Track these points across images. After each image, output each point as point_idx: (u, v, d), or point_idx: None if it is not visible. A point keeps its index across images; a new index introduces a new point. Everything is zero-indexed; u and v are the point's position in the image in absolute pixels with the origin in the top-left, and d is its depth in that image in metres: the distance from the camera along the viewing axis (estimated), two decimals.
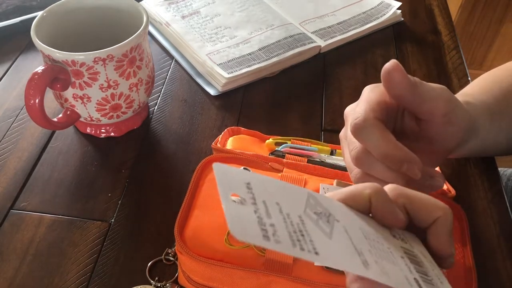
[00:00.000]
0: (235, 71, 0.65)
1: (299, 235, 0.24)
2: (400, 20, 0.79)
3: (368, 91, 0.40)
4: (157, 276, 0.46)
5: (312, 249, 0.24)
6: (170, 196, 0.53)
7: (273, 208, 0.25)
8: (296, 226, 0.25)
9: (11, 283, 0.46)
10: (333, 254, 0.25)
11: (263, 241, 0.22)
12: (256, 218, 0.24)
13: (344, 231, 0.27)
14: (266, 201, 0.25)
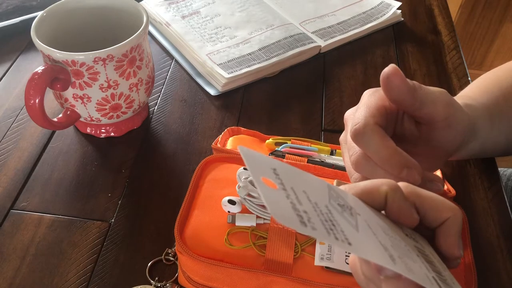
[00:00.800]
0: (235, 71, 0.65)
1: (330, 224, 0.24)
2: (400, 20, 0.79)
3: (367, 95, 0.40)
4: (157, 276, 0.46)
5: (345, 239, 0.23)
6: (170, 196, 0.53)
7: (302, 196, 0.25)
8: (326, 216, 0.24)
9: (11, 283, 0.46)
10: (364, 246, 0.24)
11: (300, 226, 0.22)
12: (289, 203, 0.23)
13: (367, 225, 0.27)
14: (294, 188, 0.25)
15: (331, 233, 0.23)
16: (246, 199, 0.43)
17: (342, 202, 0.27)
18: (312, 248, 0.42)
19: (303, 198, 0.25)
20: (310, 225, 0.23)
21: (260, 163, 0.25)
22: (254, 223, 0.42)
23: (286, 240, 0.42)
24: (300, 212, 0.23)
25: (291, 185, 0.25)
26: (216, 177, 0.47)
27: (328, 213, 0.25)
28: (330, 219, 0.24)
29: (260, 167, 0.25)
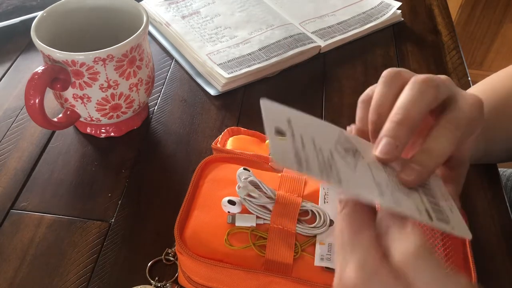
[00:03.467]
0: (235, 71, 0.65)
1: (327, 167, 0.28)
2: (400, 20, 0.79)
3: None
4: (157, 276, 0.46)
5: (337, 178, 0.28)
6: (170, 196, 0.53)
7: (308, 142, 0.29)
8: (326, 159, 0.29)
9: (11, 283, 0.46)
10: (354, 183, 0.28)
11: (297, 166, 0.27)
12: (293, 149, 0.28)
13: (367, 166, 0.30)
14: (303, 135, 0.29)
15: (324, 172, 0.28)
16: (246, 199, 0.43)
17: (349, 146, 0.31)
18: (312, 249, 0.42)
19: (308, 144, 0.29)
20: (306, 166, 0.27)
21: (276, 115, 0.30)
22: (254, 224, 0.42)
23: (286, 240, 0.42)
24: (300, 156, 0.28)
25: (301, 133, 0.29)
26: (216, 177, 0.47)
27: (329, 157, 0.29)
28: (329, 163, 0.29)
29: (275, 118, 0.29)
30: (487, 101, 0.47)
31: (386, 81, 0.35)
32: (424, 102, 0.32)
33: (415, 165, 0.31)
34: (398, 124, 0.31)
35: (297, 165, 0.27)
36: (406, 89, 0.33)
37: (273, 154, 0.27)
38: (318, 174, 0.27)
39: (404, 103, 0.32)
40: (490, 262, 0.48)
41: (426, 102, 0.32)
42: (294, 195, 0.44)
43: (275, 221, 0.42)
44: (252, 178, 0.43)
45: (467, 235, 0.31)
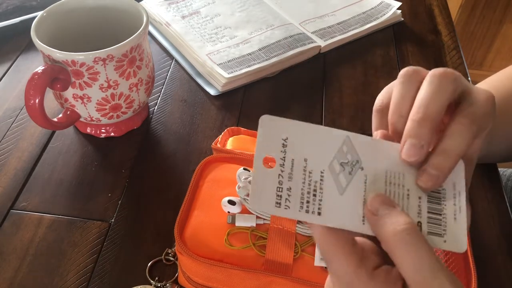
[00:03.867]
0: (235, 71, 0.65)
1: (311, 196, 0.28)
2: (400, 20, 0.79)
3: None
4: (157, 276, 0.46)
5: (317, 210, 0.28)
6: (170, 196, 0.53)
7: (298, 167, 0.28)
8: (313, 185, 0.28)
9: (11, 283, 0.46)
10: (335, 214, 0.28)
11: (274, 208, 0.27)
12: (276, 184, 0.28)
13: (363, 181, 0.29)
14: (295, 159, 0.29)
15: (304, 206, 0.28)
16: (246, 199, 0.43)
17: (348, 158, 0.30)
18: (312, 249, 0.42)
19: (298, 170, 0.28)
20: (284, 204, 0.27)
21: (272, 135, 0.29)
22: (254, 224, 0.42)
23: (286, 240, 0.42)
24: (281, 192, 0.28)
25: (293, 156, 0.29)
26: (216, 177, 0.47)
27: (318, 182, 0.29)
28: (314, 189, 0.28)
29: (268, 144, 0.29)
30: None
31: (404, 81, 0.34)
32: (444, 96, 0.31)
33: (432, 170, 0.30)
34: (420, 123, 0.30)
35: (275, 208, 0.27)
36: (424, 84, 0.32)
37: (251, 198, 0.27)
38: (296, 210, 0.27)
39: (424, 99, 0.31)
40: (490, 262, 0.48)
41: (446, 96, 0.31)
42: None
43: (275, 221, 0.42)
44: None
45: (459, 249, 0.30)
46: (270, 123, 0.29)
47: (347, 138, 0.30)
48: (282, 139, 0.29)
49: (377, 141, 0.31)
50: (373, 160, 0.30)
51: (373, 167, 0.30)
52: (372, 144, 0.31)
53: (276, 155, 0.28)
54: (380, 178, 0.30)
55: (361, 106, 0.65)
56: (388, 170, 0.30)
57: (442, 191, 0.31)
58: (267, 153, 0.28)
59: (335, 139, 0.30)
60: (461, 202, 0.31)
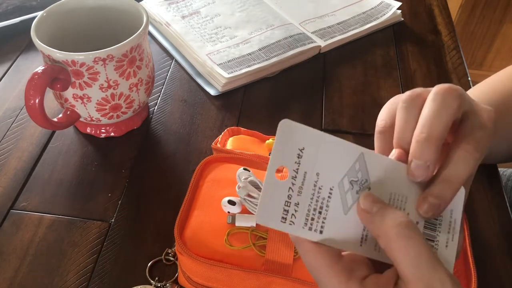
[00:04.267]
0: (235, 71, 0.65)
1: (316, 213, 0.28)
2: (400, 20, 0.79)
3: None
4: (157, 276, 0.46)
5: (319, 228, 0.28)
6: (170, 196, 0.53)
7: (309, 182, 0.29)
8: (320, 202, 0.29)
9: (11, 283, 0.46)
10: (335, 234, 0.29)
11: (279, 223, 0.27)
12: (286, 197, 0.28)
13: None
14: (308, 172, 0.29)
15: (308, 223, 0.28)
16: (246, 199, 0.43)
17: (359, 177, 0.30)
18: None
19: (308, 184, 0.28)
20: (290, 220, 0.28)
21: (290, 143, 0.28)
22: (254, 224, 0.42)
23: (286, 240, 0.42)
24: (289, 206, 0.28)
25: (305, 170, 0.28)
26: (216, 177, 0.47)
27: (326, 199, 0.29)
28: (320, 206, 0.29)
29: (283, 154, 0.28)
30: (487, 102, 0.47)
31: (408, 106, 0.33)
32: (448, 113, 0.31)
33: (433, 199, 0.30)
34: (424, 144, 0.30)
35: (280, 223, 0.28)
36: (428, 101, 0.32)
37: (259, 211, 0.27)
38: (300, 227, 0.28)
39: (427, 119, 0.31)
40: (490, 262, 0.48)
41: (450, 113, 0.31)
42: None
43: None
44: (252, 178, 0.43)
45: None
46: (289, 129, 0.29)
47: (361, 155, 0.30)
48: (299, 149, 0.29)
49: (389, 161, 0.31)
50: (381, 181, 0.30)
51: (379, 187, 0.30)
52: (384, 164, 0.31)
53: (290, 166, 0.28)
54: (385, 199, 0.30)
55: (361, 106, 0.65)
56: (393, 192, 0.30)
57: (439, 218, 0.31)
58: (281, 163, 0.28)
59: (350, 154, 0.30)
60: (455, 230, 0.31)
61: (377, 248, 0.29)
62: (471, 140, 0.31)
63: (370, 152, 0.30)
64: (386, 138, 0.33)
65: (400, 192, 0.30)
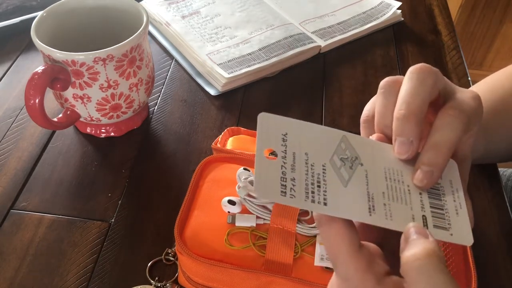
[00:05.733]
0: (235, 71, 0.65)
1: (315, 187, 0.28)
2: (400, 20, 0.79)
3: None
4: (157, 276, 0.46)
5: (322, 200, 0.28)
6: (170, 196, 0.53)
7: (300, 160, 0.28)
8: (316, 177, 0.28)
9: (11, 283, 0.46)
10: (341, 204, 0.28)
11: (279, 197, 0.27)
12: (280, 174, 0.27)
13: (364, 175, 0.30)
14: (296, 152, 0.29)
15: (309, 196, 0.27)
16: (246, 199, 0.43)
17: (348, 154, 0.30)
18: (312, 249, 0.42)
19: (300, 162, 0.28)
20: (289, 193, 0.27)
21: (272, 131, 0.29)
22: (254, 224, 0.42)
23: (286, 240, 0.42)
24: (286, 182, 0.27)
25: (294, 150, 0.29)
26: (216, 177, 0.47)
27: (321, 174, 0.28)
28: (318, 181, 0.28)
29: (269, 136, 0.29)
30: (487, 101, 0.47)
31: (385, 91, 0.34)
32: (425, 89, 0.31)
33: (425, 167, 0.30)
34: (403, 120, 0.30)
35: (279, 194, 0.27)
36: (404, 81, 0.32)
37: (256, 186, 0.27)
38: (302, 200, 0.27)
39: (405, 96, 0.31)
40: (490, 262, 0.48)
41: (427, 90, 0.31)
42: None
43: (275, 221, 0.42)
44: (252, 178, 0.43)
45: (467, 242, 0.30)
46: (268, 121, 0.29)
47: (344, 137, 0.31)
48: (282, 134, 0.29)
49: (373, 142, 0.32)
50: (371, 158, 0.30)
51: (372, 163, 0.30)
52: (369, 144, 0.31)
53: (277, 148, 0.28)
54: (380, 174, 0.30)
55: (361, 106, 0.64)
56: (386, 167, 0.30)
57: (440, 188, 0.31)
58: (268, 146, 0.28)
59: (333, 137, 0.30)
60: (460, 199, 0.31)
61: (389, 217, 0.28)
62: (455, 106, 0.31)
63: (352, 135, 0.31)
64: (370, 126, 0.34)
65: (393, 167, 0.31)
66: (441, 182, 0.31)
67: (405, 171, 0.31)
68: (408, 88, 0.32)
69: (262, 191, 0.27)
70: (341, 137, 0.30)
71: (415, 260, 0.26)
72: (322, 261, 0.41)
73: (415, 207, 0.29)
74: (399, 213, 0.29)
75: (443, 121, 0.31)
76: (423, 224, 0.29)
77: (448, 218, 0.30)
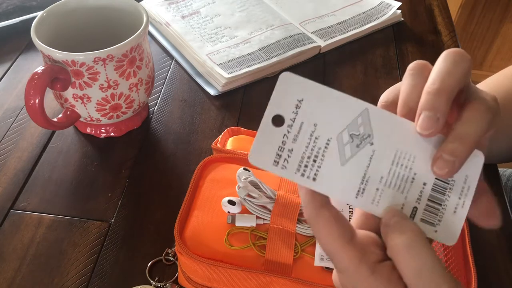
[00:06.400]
0: (235, 71, 0.65)
1: (310, 161, 0.28)
2: (400, 20, 0.79)
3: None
4: (157, 276, 0.46)
5: (312, 175, 0.28)
6: (170, 196, 0.53)
7: (306, 131, 0.28)
8: (315, 151, 0.28)
9: (11, 283, 0.46)
10: (329, 182, 0.28)
11: (271, 166, 0.27)
12: (279, 143, 0.28)
13: (368, 156, 0.29)
14: (304, 122, 0.28)
15: (300, 170, 0.28)
16: (246, 199, 0.43)
17: (360, 131, 0.29)
18: (312, 249, 0.42)
19: (304, 134, 0.28)
20: (282, 164, 0.27)
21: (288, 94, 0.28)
22: (254, 224, 0.42)
23: (286, 240, 0.42)
24: (282, 151, 0.28)
25: (302, 119, 0.28)
26: (216, 178, 0.47)
27: (322, 148, 0.28)
28: (315, 155, 0.28)
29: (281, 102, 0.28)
30: None
31: (414, 73, 0.32)
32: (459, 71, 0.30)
33: (448, 156, 0.29)
34: (435, 95, 0.29)
35: (272, 166, 0.27)
36: (439, 61, 0.31)
37: (252, 152, 0.27)
38: (293, 172, 0.28)
39: (440, 72, 0.30)
40: (490, 262, 0.48)
41: (461, 72, 0.30)
42: (294, 195, 0.44)
43: (275, 221, 0.42)
44: (252, 178, 0.43)
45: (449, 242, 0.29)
46: (289, 81, 0.28)
47: (365, 110, 0.29)
48: (297, 100, 0.28)
49: (396, 118, 0.30)
50: (386, 137, 0.29)
51: (384, 144, 0.29)
52: (390, 121, 0.30)
53: (287, 115, 0.28)
54: (387, 157, 0.29)
55: None
56: (399, 150, 0.29)
57: (450, 182, 0.30)
58: (278, 111, 0.28)
59: (354, 108, 0.29)
60: (467, 197, 0.30)
61: (375, 202, 0.28)
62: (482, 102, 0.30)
63: (376, 108, 0.30)
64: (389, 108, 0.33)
65: (407, 150, 0.29)
66: (454, 176, 0.30)
67: (419, 157, 0.29)
68: (443, 66, 0.31)
69: (256, 158, 0.27)
70: (362, 110, 0.29)
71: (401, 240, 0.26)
72: (322, 261, 0.41)
73: (410, 197, 0.29)
74: (389, 200, 0.29)
75: (470, 114, 0.30)
76: (410, 214, 0.29)
77: (441, 215, 0.29)
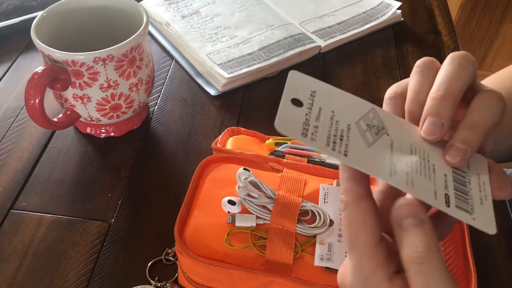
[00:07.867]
0: (235, 71, 0.65)
1: (337, 139, 0.27)
2: (400, 20, 0.79)
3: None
4: (157, 276, 0.46)
5: (343, 151, 0.26)
6: (170, 196, 0.53)
7: (326, 114, 0.28)
8: (340, 132, 0.27)
9: (11, 283, 0.46)
10: (362, 158, 0.26)
11: (300, 136, 0.26)
12: (304, 119, 0.26)
13: (388, 145, 0.28)
14: (323, 108, 0.28)
15: (330, 144, 0.26)
16: (246, 199, 0.43)
17: (375, 123, 0.29)
18: (312, 249, 0.42)
19: (325, 116, 0.27)
20: (311, 136, 0.26)
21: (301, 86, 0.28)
22: (254, 224, 0.42)
23: (286, 240, 0.42)
24: (308, 127, 0.26)
25: (320, 105, 0.28)
26: (216, 177, 0.47)
27: (345, 130, 0.27)
28: (341, 135, 0.27)
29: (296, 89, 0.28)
30: None
31: (422, 70, 0.32)
32: (465, 75, 0.30)
33: (460, 144, 0.29)
34: (441, 100, 0.29)
35: (300, 134, 0.26)
36: (444, 64, 0.31)
37: (278, 119, 0.25)
38: (323, 145, 0.26)
39: (445, 77, 0.30)
40: (490, 262, 0.48)
41: (467, 76, 0.30)
42: (294, 195, 0.44)
43: (275, 221, 0.42)
44: (252, 178, 0.43)
45: (490, 230, 0.29)
46: (298, 78, 0.28)
47: (372, 109, 0.30)
48: (311, 91, 0.28)
49: (400, 119, 0.30)
50: (398, 132, 0.29)
51: (399, 137, 0.29)
52: (396, 120, 0.30)
53: (304, 100, 0.27)
54: (406, 147, 0.29)
55: None
56: (412, 144, 0.29)
57: (467, 177, 0.30)
58: (295, 96, 0.27)
59: (361, 106, 0.29)
60: (486, 191, 0.30)
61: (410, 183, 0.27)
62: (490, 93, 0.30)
63: (381, 109, 0.30)
64: (396, 103, 0.33)
65: (419, 146, 0.29)
66: (468, 172, 0.30)
67: (432, 151, 0.29)
68: (449, 70, 0.31)
69: (283, 127, 0.25)
70: (369, 108, 0.29)
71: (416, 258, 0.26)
72: (322, 261, 0.41)
73: (438, 184, 0.28)
74: (421, 184, 0.27)
75: (482, 102, 0.30)
76: (445, 202, 0.27)
77: (471, 204, 0.29)
